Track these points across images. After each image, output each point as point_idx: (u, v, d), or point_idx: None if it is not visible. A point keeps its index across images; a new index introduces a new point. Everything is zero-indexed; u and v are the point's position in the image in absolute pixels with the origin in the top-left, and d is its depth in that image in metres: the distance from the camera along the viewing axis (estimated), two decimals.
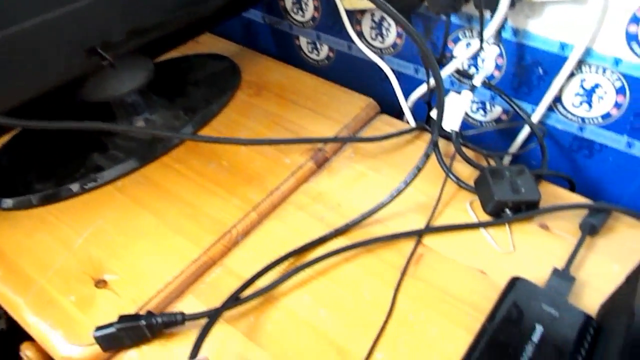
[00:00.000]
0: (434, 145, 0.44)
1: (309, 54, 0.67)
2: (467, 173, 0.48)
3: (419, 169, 0.44)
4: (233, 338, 0.36)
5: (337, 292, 0.38)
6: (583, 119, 0.49)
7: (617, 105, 0.46)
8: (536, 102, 0.50)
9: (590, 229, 0.43)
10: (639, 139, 0.46)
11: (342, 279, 0.39)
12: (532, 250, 0.42)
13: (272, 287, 0.38)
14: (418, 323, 0.36)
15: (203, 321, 0.36)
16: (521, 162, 0.56)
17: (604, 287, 0.38)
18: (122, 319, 0.35)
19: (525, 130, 0.53)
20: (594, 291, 0.39)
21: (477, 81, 0.48)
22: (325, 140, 0.51)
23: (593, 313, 0.35)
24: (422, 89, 0.55)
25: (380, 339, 0.35)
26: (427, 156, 0.44)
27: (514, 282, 0.37)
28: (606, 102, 0.46)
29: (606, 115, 0.47)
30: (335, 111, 0.55)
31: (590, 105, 0.48)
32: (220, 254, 0.42)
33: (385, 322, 0.36)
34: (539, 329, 0.34)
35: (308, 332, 0.36)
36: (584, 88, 0.47)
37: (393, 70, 0.58)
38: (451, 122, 0.48)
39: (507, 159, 0.56)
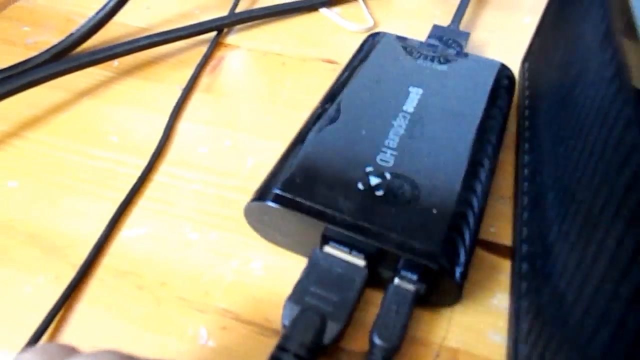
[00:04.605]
0: None
1: None
2: None
3: None
4: None
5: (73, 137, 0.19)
6: None
7: None
8: None
9: None
10: None
11: (69, 123, 0.20)
12: (402, 23, 0.26)
13: None
14: (219, 155, 0.19)
15: None
16: None
17: (517, 45, 0.24)
18: None
19: None
20: (500, 50, 0.24)
21: None
22: None
23: None
24: None
25: (134, 204, 0.17)
26: None
27: (375, 41, 0.20)
28: None
29: None
30: None
31: None
32: None
33: (149, 169, 0.18)
34: (415, 93, 0.18)
35: None
36: None
37: None
38: None
39: None
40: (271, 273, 0.15)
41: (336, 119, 0.17)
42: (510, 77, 0.19)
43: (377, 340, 0.13)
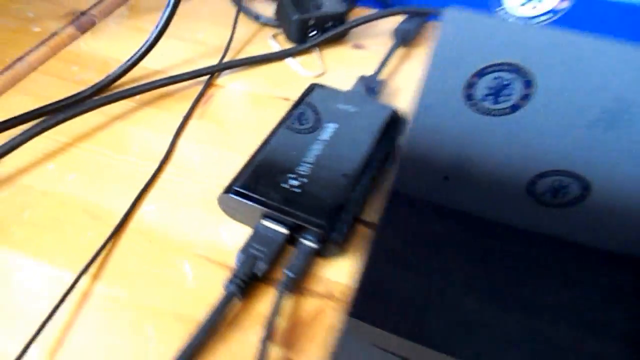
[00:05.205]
0: None
1: None
2: (271, 10, 0.40)
3: None
4: None
5: (97, 152, 0.29)
6: None
7: None
8: None
9: (404, 35, 0.37)
10: None
11: (107, 138, 0.30)
12: (345, 70, 0.36)
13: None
14: (206, 162, 0.29)
15: None
16: None
17: None
18: None
19: None
20: (410, 95, 0.34)
21: None
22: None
23: None
24: None
25: (148, 191, 0.27)
26: None
27: (311, 89, 0.30)
28: None
29: None
30: None
31: None
32: None
33: (159, 169, 0.28)
34: (331, 127, 0.27)
35: (53, 201, 0.26)
36: None
37: None
38: None
39: None
40: (230, 235, 0.25)
41: (277, 144, 0.26)
42: (397, 117, 0.29)
43: (288, 273, 0.23)
